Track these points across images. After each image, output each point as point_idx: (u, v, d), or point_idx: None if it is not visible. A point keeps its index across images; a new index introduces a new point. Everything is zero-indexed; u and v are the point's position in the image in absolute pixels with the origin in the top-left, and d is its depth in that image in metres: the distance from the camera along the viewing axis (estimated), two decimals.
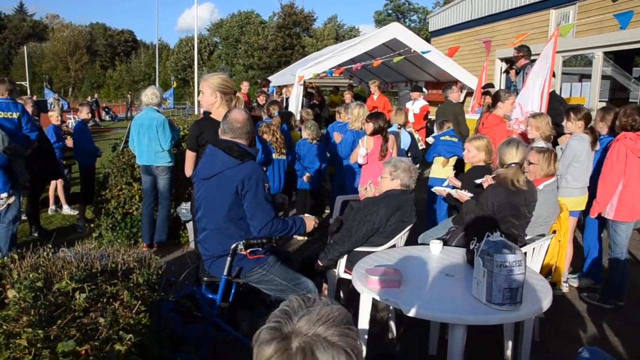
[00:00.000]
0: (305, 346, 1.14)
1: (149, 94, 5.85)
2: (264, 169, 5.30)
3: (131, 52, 69.64)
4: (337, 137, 6.53)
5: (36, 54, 59.57)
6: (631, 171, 4.39)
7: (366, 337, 3.23)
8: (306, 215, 3.58)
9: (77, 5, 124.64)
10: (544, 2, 10.10)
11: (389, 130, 6.18)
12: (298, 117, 8.85)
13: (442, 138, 6.19)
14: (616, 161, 4.37)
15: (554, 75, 6.25)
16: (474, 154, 4.73)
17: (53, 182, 7.75)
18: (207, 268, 3.36)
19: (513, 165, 3.92)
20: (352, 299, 4.06)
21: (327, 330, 1.18)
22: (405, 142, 6.47)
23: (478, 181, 4.36)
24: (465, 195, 4.19)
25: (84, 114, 7.41)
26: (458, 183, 4.70)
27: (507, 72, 8.00)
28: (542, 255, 3.96)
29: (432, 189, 5.28)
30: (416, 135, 8.45)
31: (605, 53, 8.97)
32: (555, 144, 5.48)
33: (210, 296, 3.38)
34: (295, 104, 9.72)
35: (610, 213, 4.52)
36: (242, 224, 3.23)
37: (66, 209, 7.87)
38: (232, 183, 3.12)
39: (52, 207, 7.94)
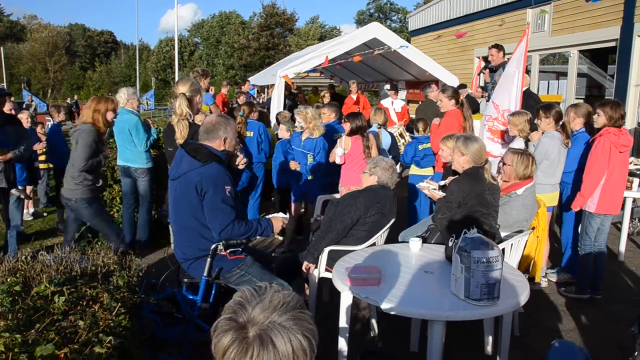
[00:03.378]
0: (262, 333, 1.18)
1: (118, 95, 5.83)
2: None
3: (111, 53, 68.91)
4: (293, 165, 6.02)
5: (13, 55, 58.58)
6: (614, 165, 4.50)
7: (347, 335, 3.26)
8: (273, 215, 3.58)
9: (56, 6, 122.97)
10: (521, 1, 10.24)
11: (369, 130, 6.22)
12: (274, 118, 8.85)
13: (421, 147, 6.22)
14: (601, 155, 4.46)
15: (527, 72, 6.35)
16: (448, 153, 4.79)
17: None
18: (186, 270, 3.37)
19: (486, 164, 3.99)
20: (333, 298, 4.09)
21: (282, 316, 1.22)
22: (386, 142, 6.50)
23: (441, 183, 4.44)
24: (437, 194, 4.24)
25: (59, 116, 7.32)
26: (434, 184, 4.74)
27: (481, 72, 8.08)
28: (520, 251, 4.03)
29: (417, 185, 5.33)
30: (402, 134, 8.54)
31: (581, 51, 9.12)
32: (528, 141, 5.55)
33: (191, 297, 3.39)
34: (276, 104, 9.72)
35: (592, 206, 4.61)
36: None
37: (25, 214, 7.72)
38: (191, 184, 3.15)
39: (29, 210, 7.83)
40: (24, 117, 7.65)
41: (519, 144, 5.09)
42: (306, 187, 5.87)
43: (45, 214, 7.92)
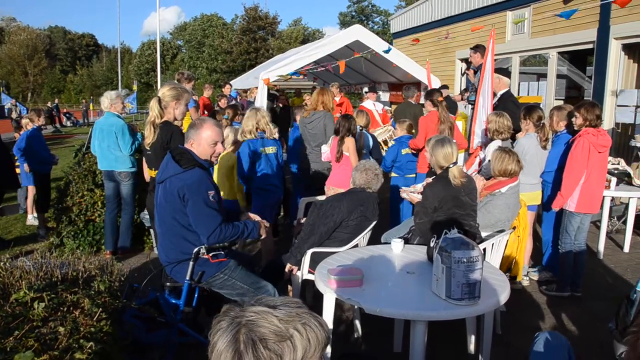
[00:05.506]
0: (249, 320, 1.18)
1: (102, 99, 5.84)
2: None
3: (92, 56, 68.29)
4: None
5: None
6: (593, 165, 4.57)
7: (331, 337, 3.26)
8: (258, 217, 3.60)
9: (36, 9, 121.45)
10: (501, 4, 10.35)
11: None
12: None
13: (404, 152, 6.23)
14: (580, 155, 4.53)
15: (508, 74, 6.41)
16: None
17: (30, 190, 7.54)
18: (169, 273, 3.36)
19: (452, 166, 3.98)
20: (317, 300, 4.09)
21: (276, 314, 1.19)
22: (367, 144, 6.51)
23: (419, 186, 4.48)
24: (415, 197, 4.26)
25: (39, 120, 7.22)
26: (418, 187, 4.78)
27: (465, 74, 8.16)
28: (502, 250, 4.07)
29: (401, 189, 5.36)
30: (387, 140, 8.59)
31: (560, 53, 9.24)
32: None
33: (173, 301, 3.37)
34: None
35: (572, 205, 4.68)
36: (192, 229, 3.23)
37: (30, 219, 7.65)
38: (174, 189, 3.14)
39: (30, 216, 7.69)
40: (29, 123, 7.50)
41: (495, 144, 5.18)
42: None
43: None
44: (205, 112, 9.08)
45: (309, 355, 1.18)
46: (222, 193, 4.91)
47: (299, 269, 4.00)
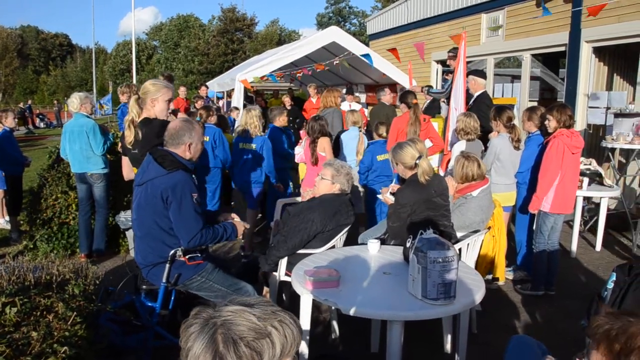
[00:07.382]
0: (225, 322, 1.17)
1: (71, 101, 5.73)
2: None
3: (66, 57, 67.19)
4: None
5: None
6: (567, 166, 4.64)
7: (308, 338, 3.27)
8: (236, 220, 3.59)
9: (6, 8, 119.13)
10: (476, 6, 10.48)
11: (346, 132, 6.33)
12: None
13: (379, 158, 6.04)
14: (555, 156, 4.59)
15: (483, 76, 6.49)
16: None
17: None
18: (145, 276, 3.32)
19: (419, 160, 3.92)
20: (294, 302, 4.09)
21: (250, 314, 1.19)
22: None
23: (392, 185, 4.53)
24: (389, 199, 4.28)
25: (7, 121, 7.08)
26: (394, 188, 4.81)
27: (444, 79, 8.26)
28: (477, 250, 4.12)
29: (378, 196, 5.38)
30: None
31: (533, 55, 9.39)
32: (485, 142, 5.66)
33: (149, 304, 3.34)
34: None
35: (546, 206, 4.75)
36: (172, 233, 3.21)
37: (2, 222, 7.49)
38: (157, 191, 3.12)
39: (1, 220, 7.51)
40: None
41: (460, 145, 5.26)
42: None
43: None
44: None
45: (286, 351, 1.19)
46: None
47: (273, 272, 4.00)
